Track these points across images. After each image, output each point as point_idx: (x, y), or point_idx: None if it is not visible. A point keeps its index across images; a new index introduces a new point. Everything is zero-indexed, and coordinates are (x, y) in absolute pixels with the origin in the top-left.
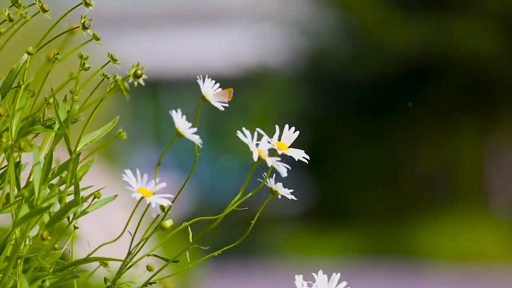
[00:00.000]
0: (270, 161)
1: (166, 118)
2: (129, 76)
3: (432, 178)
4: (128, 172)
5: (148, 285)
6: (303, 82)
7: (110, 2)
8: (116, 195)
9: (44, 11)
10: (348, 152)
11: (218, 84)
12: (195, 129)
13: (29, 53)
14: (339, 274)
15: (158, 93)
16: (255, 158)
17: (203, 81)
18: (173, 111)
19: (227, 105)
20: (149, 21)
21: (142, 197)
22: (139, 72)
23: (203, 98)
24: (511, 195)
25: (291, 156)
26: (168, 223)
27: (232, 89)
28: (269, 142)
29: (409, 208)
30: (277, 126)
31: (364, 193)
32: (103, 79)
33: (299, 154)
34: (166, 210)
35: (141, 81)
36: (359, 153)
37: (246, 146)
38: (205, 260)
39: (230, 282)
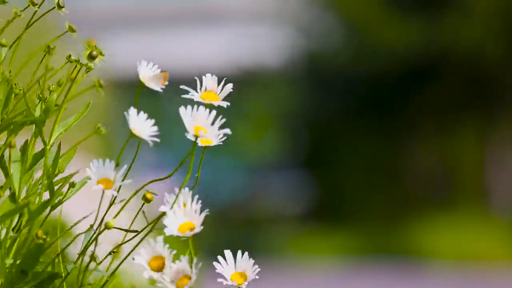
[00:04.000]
0: (212, 138)
1: (166, 118)
2: (90, 59)
3: (432, 178)
4: (95, 162)
5: (112, 253)
6: (302, 81)
7: (109, 2)
8: (89, 177)
9: (34, 4)
10: (348, 151)
11: (159, 69)
12: (155, 128)
13: (3, 45)
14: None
15: (158, 93)
16: (192, 138)
17: (142, 66)
18: (131, 109)
19: (163, 86)
20: (148, 21)
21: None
22: (94, 53)
23: (141, 84)
24: (511, 195)
25: (291, 157)
26: (112, 222)
27: (167, 72)
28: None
29: (409, 208)
30: (200, 79)
31: (364, 193)
32: (74, 65)
33: (227, 90)
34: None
35: (97, 62)
36: (359, 152)
37: (246, 146)
38: (204, 260)
39: None
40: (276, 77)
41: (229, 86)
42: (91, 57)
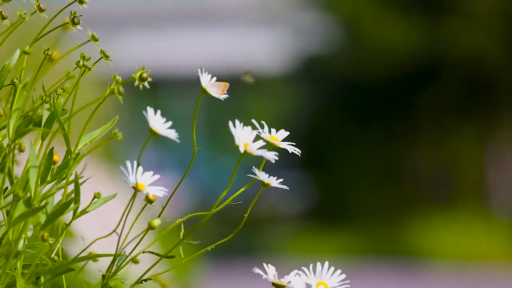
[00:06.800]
0: (257, 152)
1: (165, 118)
2: (134, 78)
3: (432, 178)
4: (128, 163)
5: (142, 282)
6: (302, 83)
7: (109, 2)
8: (116, 194)
9: (41, 10)
10: (348, 152)
11: (215, 78)
12: (169, 124)
13: (26, 53)
14: (340, 272)
15: (158, 93)
16: (242, 150)
17: (202, 74)
18: (148, 109)
19: (226, 96)
20: (149, 21)
21: (137, 190)
22: (144, 75)
23: (203, 91)
24: (511, 195)
25: (291, 157)
26: (156, 222)
27: (228, 83)
28: (260, 134)
29: (409, 208)
30: (263, 123)
31: (364, 193)
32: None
33: (291, 148)
34: (163, 206)
35: (146, 84)
36: (359, 153)
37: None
38: (205, 260)
39: (230, 282)
40: (275, 78)
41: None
42: (142, 79)
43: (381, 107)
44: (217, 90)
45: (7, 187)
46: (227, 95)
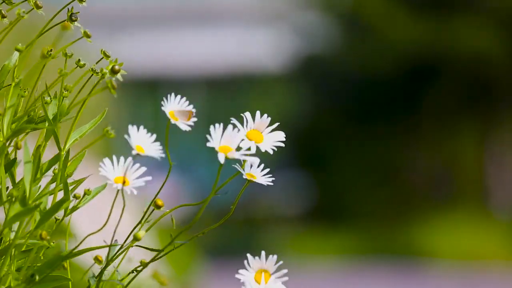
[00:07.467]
0: (238, 156)
1: (165, 119)
2: (112, 73)
3: (433, 178)
4: (106, 161)
5: (134, 271)
6: (302, 82)
7: (110, 2)
8: (106, 184)
9: (38, 7)
10: (348, 152)
11: (184, 99)
12: (152, 138)
13: (19, 50)
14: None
15: (158, 93)
16: (221, 161)
17: (169, 100)
18: (129, 127)
19: (192, 124)
20: (149, 21)
21: (123, 185)
22: (116, 67)
23: (172, 116)
24: (511, 195)
25: (290, 155)
26: (141, 233)
27: (193, 111)
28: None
29: (409, 208)
30: (247, 114)
31: (364, 193)
32: (92, 74)
33: (277, 138)
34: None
35: (119, 76)
36: (359, 153)
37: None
38: (204, 260)
39: (229, 282)
40: (275, 78)
41: (281, 135)
42: (114, 72)
43: (381, 107)
44: (183, 118)
45: (7, 187)
46: (193, 124)
